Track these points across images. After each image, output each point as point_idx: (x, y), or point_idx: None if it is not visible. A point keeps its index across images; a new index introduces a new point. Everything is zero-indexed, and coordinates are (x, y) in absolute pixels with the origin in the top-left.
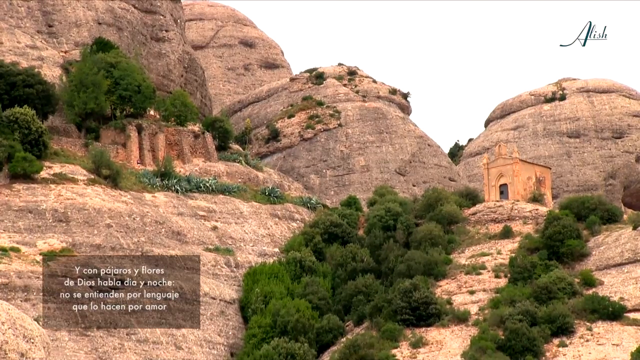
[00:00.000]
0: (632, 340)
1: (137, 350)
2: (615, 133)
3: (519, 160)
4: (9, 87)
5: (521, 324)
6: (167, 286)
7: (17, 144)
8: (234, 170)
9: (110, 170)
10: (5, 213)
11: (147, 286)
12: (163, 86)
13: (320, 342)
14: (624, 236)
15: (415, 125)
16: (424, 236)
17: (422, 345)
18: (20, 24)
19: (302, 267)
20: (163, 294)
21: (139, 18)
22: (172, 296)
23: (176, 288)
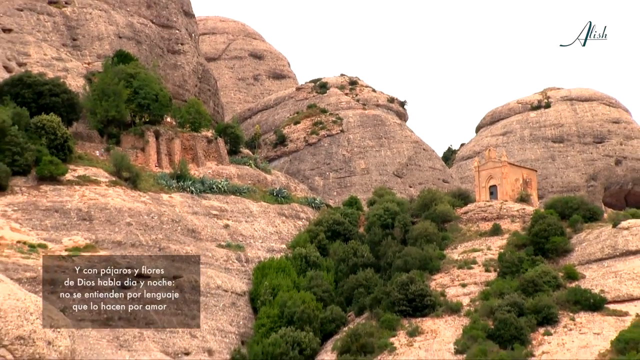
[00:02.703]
0: (612, 330)
1: (155, 338)
2: (596, 138)
3: (507, 164)
4: (36, 96)
5: (509, 315)
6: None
7: (44, 148)
8: (244, 173)
9: (130, 172)
10: (33, 212)
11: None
12: (179, 95)
13: (324, 331)
14: (604, 233)
15: (412, 131)
16: (420, 233)
17: (418, 334)
18: (47, 38)
19: (307, 262)
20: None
21: (156, 32)
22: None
23: (190, 281)
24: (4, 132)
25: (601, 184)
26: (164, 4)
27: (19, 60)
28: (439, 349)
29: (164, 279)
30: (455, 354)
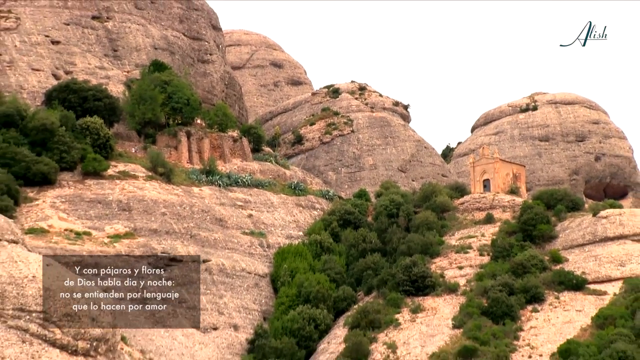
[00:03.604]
0: (592, 307)
1: (187, 315)
2: (578, 137)
3: (499, 160)
4: (81, 101)
5: (501, 294)
6: (211, 264)
7: (88, 147)
8: (265, 168)
9: (165, 168)
10: (79, 204)
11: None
12: (207, 100)
13: (337, 308)
14: (585, 222)
15: (414, 131)
16: (422, 222)
17: (420, 311)
18: (91, 49)
19: (321, 247)
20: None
21: (187, 44)
22: (214, 271)
23: (219, 265)
24: (53, 133)
25: (582, 177)
26: (194, 19)
27: (66, 69)
28: (438, 324)
29: (194, 263)
30: (452, 328)
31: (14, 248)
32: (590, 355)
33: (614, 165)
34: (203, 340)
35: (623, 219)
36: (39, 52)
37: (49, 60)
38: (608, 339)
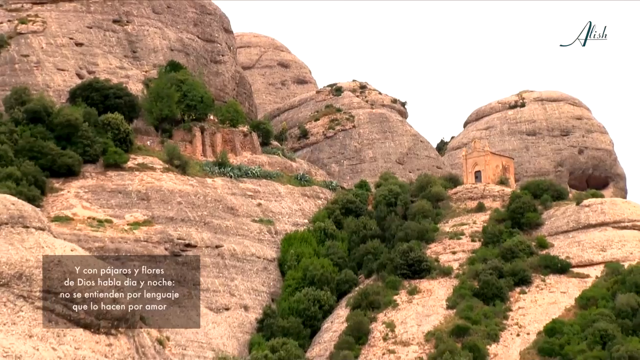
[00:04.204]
0: (575, 289)
1: (202, 297)
2: (562, 132)
3: (489, 153)
4: (103, 98)
5: (491, 277)
6: (223, 249)
7: (109, 141)
8: (273, 161)
9: (180, 161)
10: (101, 193)
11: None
12: (220, 97)
13: (339, 290)
14: (569, 210)
15: (411, 126)
16: (418, 210)
17: (416, 292)
18: (112, 50)
19: (325, 234)
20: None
21: (201, 46)
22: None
23: (230, 250)
24: (77, 128)
25: (567, 169)
26: (207, 22)
27: (88, 69)
28: (433, 305)
29: (208, 248)
30: (446, 309)
31: (41, 235)
32: (574, 334)
33: (595, 158)
34: (216, 320)
35: (604, 207)
36: (64, 54)
37: (73, 61)
38: (590, 318)
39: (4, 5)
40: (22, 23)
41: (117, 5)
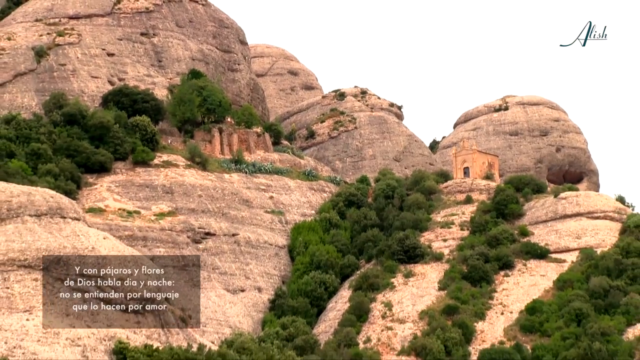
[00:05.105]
0: (553, 273)
1: (220, 280)
2: (542, 132)
3: (476, 151)
4: (132, 103)
5: (478, 261)
6: (238, 237)
7: (137, 141)
8: (284, 158)
9: (201, 158)
10: (130, 188)
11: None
12: (236, 102)
13: (343, 274)
14: (547, 202)
15: (406, 128)
16: (413, 202)
17: (411, 276)
18: (140, 60)
19: (330, 223)
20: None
21: (219, 56)
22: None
23: (245, 238)
24: (109, 129)
25: (545, 166)
26: (225, 35)
27: (119, 76)
28: (426, 287)
29: (225, 236)
30: (438, 290)
31: (77, 224)
32: (552, 312)
33: (571, 155)
34: (232, 300)
35: (579, 199)
36: (97, 63)
37: (105, 69)
38: (567, 298)
39: (44, 20)
40: (60, 36)
41: (144, 20)
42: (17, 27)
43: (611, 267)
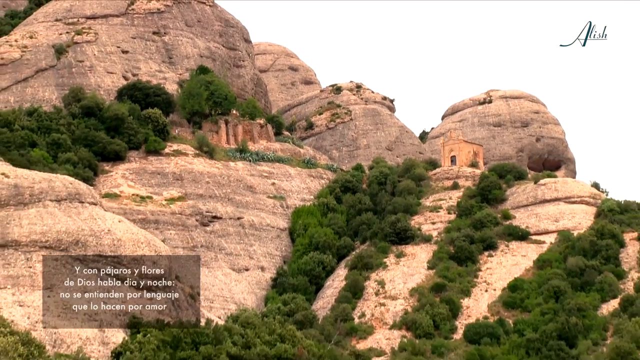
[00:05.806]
0: (534, 253)
1: (226, 260)
2: (523, 124)
3: (462, 141)
4: (144, 96)
5: (464, 243)
6: (243, 220)
7: (150, 131)
8: (285, 148)
9: (208, 147)
10: (143, 175)
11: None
12: (241, 95)
13: (339, 254)
14: (528, 188)
15: (398, 119)
16: (404, 188)
17: (402, 256)
18: (152, 57)
19: (327, 208)
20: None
21: (225, 53)
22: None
23: (250, 221)
24: (123, 121)
25: (526, 154)
26: (230, 33)
27: (133, 72)
28: (416, 266)
29: (231, 219)
30: (427, 269)
31: (94, 209)
32: (532, 290)
33: (550, 145)
34: (237, 278)
35: (557, 186)
36: (112, 59)
37: (120, 66)
38: (546, 277)
39: (63, 20)
40: (78, 34)
41: (156, 20)
42: (39, 26)
43: (587, 248)
